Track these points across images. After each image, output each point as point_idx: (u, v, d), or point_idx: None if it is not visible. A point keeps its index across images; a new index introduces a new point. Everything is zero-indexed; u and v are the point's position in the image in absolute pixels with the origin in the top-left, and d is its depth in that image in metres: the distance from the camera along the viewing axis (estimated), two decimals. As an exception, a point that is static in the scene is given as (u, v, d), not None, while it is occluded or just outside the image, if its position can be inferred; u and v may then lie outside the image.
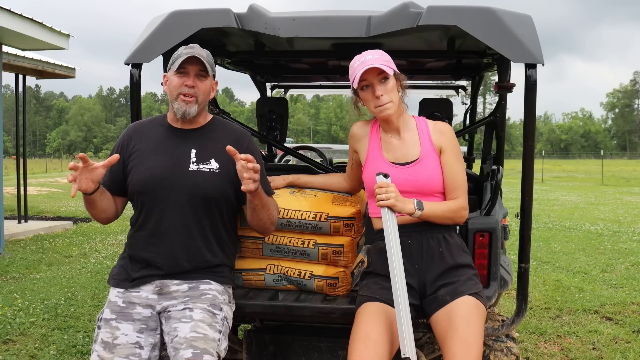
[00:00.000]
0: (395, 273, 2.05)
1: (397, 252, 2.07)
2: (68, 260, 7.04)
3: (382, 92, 2.24)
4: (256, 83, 4.58)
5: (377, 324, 2.12)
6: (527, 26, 2.36)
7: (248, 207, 2.24)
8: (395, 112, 2.29)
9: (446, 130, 2.36)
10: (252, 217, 2.27)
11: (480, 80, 4.24)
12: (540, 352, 4.02)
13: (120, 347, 2.14)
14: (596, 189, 22.09)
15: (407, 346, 1.97)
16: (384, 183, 2.13)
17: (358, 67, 2.23)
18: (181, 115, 2.27)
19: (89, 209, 2.26)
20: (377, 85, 2.24)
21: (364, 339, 2.07)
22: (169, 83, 2.28)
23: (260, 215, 2.24)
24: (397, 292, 2.03)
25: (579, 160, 63.70)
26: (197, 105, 2.27)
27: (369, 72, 2.22)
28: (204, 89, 2.28)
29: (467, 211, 2.34)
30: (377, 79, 2.24)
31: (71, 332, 4.29)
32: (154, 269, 2.24)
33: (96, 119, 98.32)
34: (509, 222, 5.16)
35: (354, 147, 2.47)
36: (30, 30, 7.70)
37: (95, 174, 2.09)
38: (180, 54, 2.24)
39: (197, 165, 2.27)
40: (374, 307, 2.18)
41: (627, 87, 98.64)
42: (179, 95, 2.24)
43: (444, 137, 2.33)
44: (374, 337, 2.07)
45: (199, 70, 2.25)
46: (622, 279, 6.22)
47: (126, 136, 2.39)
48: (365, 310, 2.18)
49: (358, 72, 2.21)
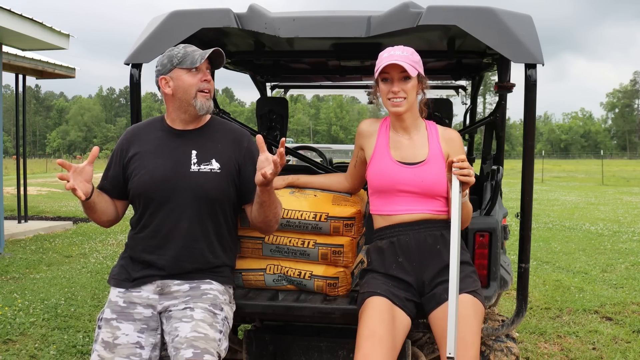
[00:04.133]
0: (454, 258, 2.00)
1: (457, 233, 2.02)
2: (68, 260, 7.05)
3: (399, 89, 2.26)
4: (256, 83, 4.58)
5: (381, 319, 2.12)
6: (527, 26, 2.36)
7: (256, 202, 2.23)
8: (407, 110, 2.31)
9: (455, 138, 2.39)
10: (258, 214, 2.25)
11: (480, 80, 4.24)
12: (540, 352, 4.02)
13: (120, 347, 2.14)
14: (596, 189, 22.10)
15: (452, 345, 1.95)
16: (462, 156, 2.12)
17: (385, 59, 2.25)
18: (204, 112, 2.28)
19: (89, 214, 2.26)
20: (396, 82, 2.27)
21: (369, 336, 2.08)
22: (181, 82, 2.24)
23: (266, 212, 2.23)
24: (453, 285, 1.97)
25: (579, 160, 63.70)
26: (212, 101, 2.31)
27: (393, 67, 2.24)
28: (213, 85, 2.33)
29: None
30: (399, 76, 2.26)
31: (71, 332, 4.29)
32: (155, 270, 2.24)
33: (96, 119, 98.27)
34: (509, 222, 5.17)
35: (361, 144, 2.47)
36: (30, 30, 7.70)
37: (86, 173, 2.11)
38: (186, 52, 2.24)
39: (198, 166, 2.26)
40: (377, 301, 2.19)
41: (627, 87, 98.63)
42: (197, 92, 2.25)
43: (452, 143, 2.35)
44: (379, 333, 2.08)
45: (208, 65, 2.29)
46: (622, 279, 6.22)
47: (125, 140, 2.38)
48: (369, 306, 2.19)
49: (383, 64, 2.24)
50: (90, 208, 2.20)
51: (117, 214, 2.36)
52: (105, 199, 2.29)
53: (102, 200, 2.25)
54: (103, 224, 2.35)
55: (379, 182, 2.33)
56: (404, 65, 2.21)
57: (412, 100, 2.30)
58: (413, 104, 2.32)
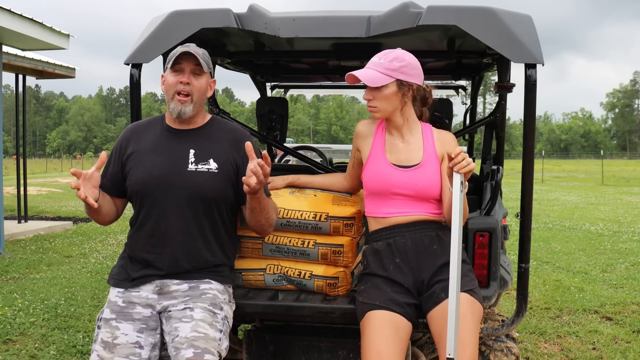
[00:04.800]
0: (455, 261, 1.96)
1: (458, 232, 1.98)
2: (68, 260, 7.04)
3: (370, 97, 2.26)
4: (256, 83, 4.58)
5: (385, 336, 2.10)
6: (527, 26, 2.36)
7: (247, 208, 2.24)
8: (386, 117, 2.31)
9: (450, 139, 2.37)
10: (250, 218, 2.27)
11: (480, 80, 4.23)
12: (540, 352, 4.02)
13: (120, 346, 2.14)
14: (596, 189, 22.09)
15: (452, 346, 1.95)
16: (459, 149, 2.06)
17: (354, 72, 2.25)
18: (177, 115, 2.26)
19: (93, 216, 2.25)
20: (368, 90, 2.26)
21: (375, 357, 2.07)
22: (165, 82, 2.28)
23: (257, 217, 2.24)
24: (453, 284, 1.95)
25: (579, 160, 63.72)
26: (193, 104, 2.25)
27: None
28: (199, 86, 2.26)
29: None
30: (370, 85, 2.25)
31: (71, 332, 4.29)
32: (154, 269, 2.24)
33: (96, 119, 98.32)
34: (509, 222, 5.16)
35: (357, 145, 2.47)
36: (30, 30, 7.70)
37: (94, 179, 2.11)
38: (175, 52, 2.25)
39: (195, 166, 2.26)
40: (378, 317, 2.17)
41: (627, 87, 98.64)
42: (174, 94, 2.24)
43: (448, 144, 2.33)
44: (384, 353, 2.07)
45: (194, 66, 2.24)
46: (622, 279, 6.22)
47: (124, 138, 2.38)
48: (370, 322, 2.17)
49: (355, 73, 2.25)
50: (95, 211, 2.20)
51: (117, 213, 2.37)
52: (107, 200, 2.29)
53: (105, 202, 2.26)
54: (104, 224, 2.36)
55: (373, 184, 2.33)
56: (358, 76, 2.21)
57: (387, 107, 2.27)
58: (394, 110, 2.29)
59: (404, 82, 2.25)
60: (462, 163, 2.01)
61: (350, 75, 2.25)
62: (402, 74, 2.24)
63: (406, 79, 2.25)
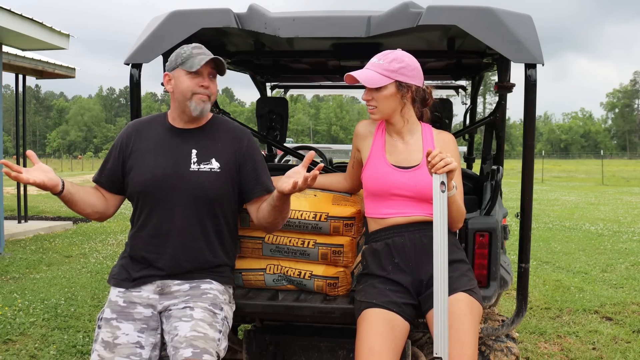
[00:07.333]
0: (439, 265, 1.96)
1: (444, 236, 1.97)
2: (68, 260, 7.05)
3: (369, 98, 2.27)
4: (256, 83, 4.58)
5: (379, 334, 2.10)
6: (526, 26, 2.36)
7: (268, 204, 2.21)
8: (384, 117, 2.31)
9: (449, 139, 2.37)
10: (268, 215, 2.23)
11: (480, 80, 4.24)
12: (540, 352, 4.02)
13: (120, 346, 2.14)
14: (596, 189, 22.10)
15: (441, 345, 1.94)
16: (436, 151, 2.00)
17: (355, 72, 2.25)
18: (198, 114, 2.26)
19: (72, 207, 2.24)
20: (367, 90, 2.27)
21: (367, 354, 2.06)
22: (179, 82, 2.24)
23: (276, 215, 2.22)
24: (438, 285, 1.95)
25: (579, 160, 63.70)
26: (210, 104, 2.30)
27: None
28: (214, 89, 2.30)
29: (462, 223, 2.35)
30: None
31: (71, 332, 4.29)
32: (155, 269, 2.24)
33: (96, 119, 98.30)
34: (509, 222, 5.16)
35: (357, 145, 2.47)
36: (30, 30, 7.70)
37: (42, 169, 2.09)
38: (191, 53, 2.23)
39: (197, 166, 2.26)
40: (373, 314, 2.17)
41: (627, 87, 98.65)
42: (193, 95, 2.24)
43: (446, 145, 2.33)
44: (377, 350, 2.06)
45: (211, 69, 2.27)
46: (622, 279, 6.22)
47: (125, 135, 2.38)
48: (365, 319, 2.17)
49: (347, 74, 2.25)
50: (69, 201, 2.19)
51: (106, 206, 2.34)
52: (87, 190, 2.28)
53: (79, 190, 2.23)
54: (91, 216, 2.32)
55: (373, 185, 2.33)
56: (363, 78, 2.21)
57: (386, 108, 2.27)
58: (394, 112, 2.29)
59: (403, 83, 2.25)
60: (439, 164, 1.97)
61: (348, 75, 2.25)
62: (401, 75, 2.24)
63: (405, 80, 2.25)
